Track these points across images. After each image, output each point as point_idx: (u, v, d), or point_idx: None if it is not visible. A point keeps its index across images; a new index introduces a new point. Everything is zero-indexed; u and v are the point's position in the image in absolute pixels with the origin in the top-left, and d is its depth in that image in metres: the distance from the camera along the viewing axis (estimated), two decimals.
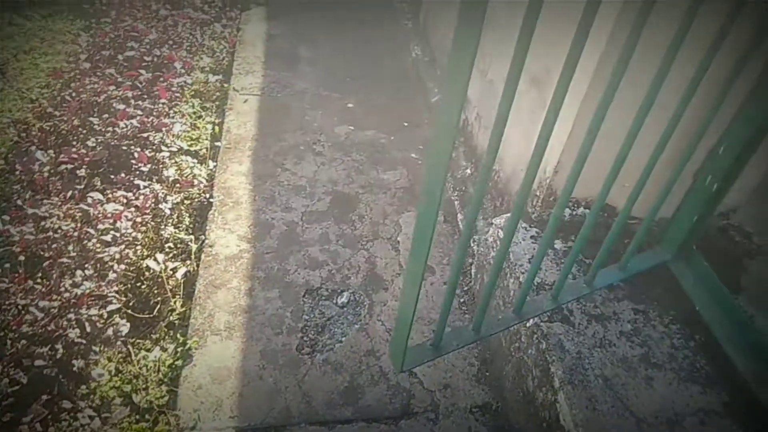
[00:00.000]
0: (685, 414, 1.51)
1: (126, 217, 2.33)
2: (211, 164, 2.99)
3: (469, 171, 2.93)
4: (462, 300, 2.41)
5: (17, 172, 2.54)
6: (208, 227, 2.62)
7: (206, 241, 2.54)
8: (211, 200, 2.75)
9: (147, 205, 2.44)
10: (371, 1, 5.07)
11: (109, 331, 2.02)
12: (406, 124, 3.54)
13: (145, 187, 2.56)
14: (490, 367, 2.14)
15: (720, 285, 1.74)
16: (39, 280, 2.08)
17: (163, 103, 3.01)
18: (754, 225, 2.16)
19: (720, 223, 2.09)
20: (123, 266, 2.22)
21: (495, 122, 1.01)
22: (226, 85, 3.66)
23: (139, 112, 2.88)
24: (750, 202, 2.07)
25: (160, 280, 2.29)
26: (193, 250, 2.49)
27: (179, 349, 2.11)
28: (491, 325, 1.58)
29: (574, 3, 1.74)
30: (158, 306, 2.25)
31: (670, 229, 1.85)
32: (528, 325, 1.78)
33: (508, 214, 2.17)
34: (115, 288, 2.14)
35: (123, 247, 2.25)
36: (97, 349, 1.98)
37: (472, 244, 2.50)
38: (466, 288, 2.45)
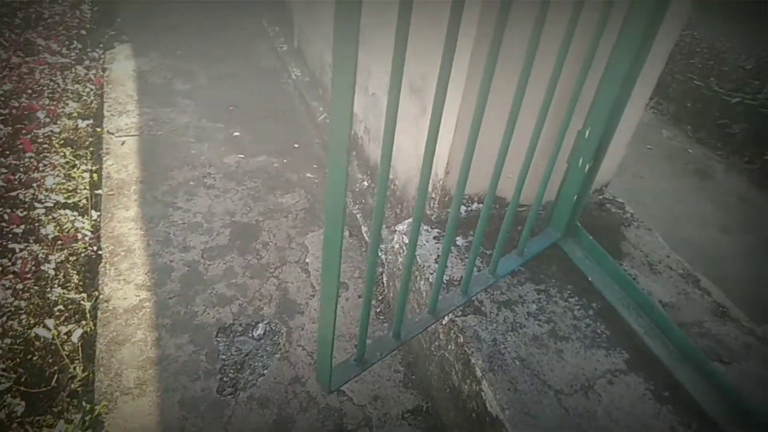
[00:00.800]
0: (595, 378, 1.64)
1: (3, 285, 2.12)
2: (94, 214, 2.79)
3: (366, 183, 2.98)
4: (378, 310, 2.44)
5: None
6: (100, 281, 2.44)
7: (101, 297, 2.37)
8: (99, 252, 2.57)
9: (27, 270, 2.23)
10: (241, 28, 5.03)
11: (1, 415, 1.82)
12: (296, 145, 3.54)
13: (21, 250, 2.34)
14: (415, 370, 2.19)
15: (605, 254, 1.90)
16: None
17: (30, 157, 2.77)
18: (625, 196, 2.39)
19: (597, 198, 2.30)
20: (8, 340, 2.01)
21: (384, 132, 1.04)
22: (98, 129, 3.45)
23: (4, 170, 2.63)
24: (618, 176, 2.30)
25: (53, 347, 2.10)
26: (87, 308, 2.31)
27: (87, 418, 1.94)
28: (410, 329, 1.62)
29: (438, 9, 1.84)
30: (56, 376, 2.06)
31: (555, 211, 2.00)
32: (444, 322, 1.84)
33: (410, 220, 2.24)
34: (2, 365, 1.93)
35: (5, 318, 2.04)
36: None
37: (380, 254, 2.54)
38: (380, 297, 2.48)
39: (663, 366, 1.65)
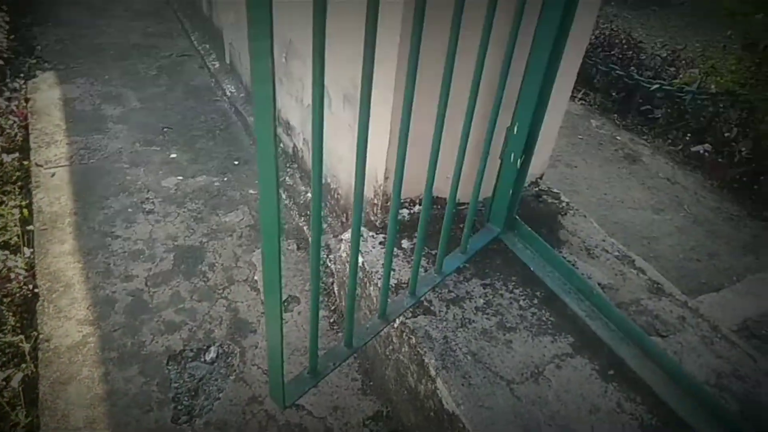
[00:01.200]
0: (544, 364, 1.69)
1: None
2: (27, 251, 2.67)
3: (309, 195, 2.97)
4: (332, 320, 2.43)
5: None
6: (39, 321, 2.33)
7: (40, 337, 2.26)
8: (36, 291, 2.46)
9: None
10: (169, 48, 4.93)
11: None
12: (236, 162, 3.49)
13: None
14: (373, 376, 2.19)
15: (544, 244, 1.97)
16: None
17: None
18: (560, 185, 2.49)
19: (533, 190, 2.37)
20: None
21: (312, 138, 1.05)
22: (26, 162, 3.30)
23: None
24: (552, 167, 2.39)
25: None
26: (27, 350, 2.20)
27: None
28: (362, 336, 1.63)
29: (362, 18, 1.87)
30: None
31: (493, 206, 2.06)
32: (395, 325, 1.86)
33: None
34: None
35: None
36: None
37: (329, 264, 2.54)
38: (333, 307, 2.48)
39: (606, 346, 1.73)
